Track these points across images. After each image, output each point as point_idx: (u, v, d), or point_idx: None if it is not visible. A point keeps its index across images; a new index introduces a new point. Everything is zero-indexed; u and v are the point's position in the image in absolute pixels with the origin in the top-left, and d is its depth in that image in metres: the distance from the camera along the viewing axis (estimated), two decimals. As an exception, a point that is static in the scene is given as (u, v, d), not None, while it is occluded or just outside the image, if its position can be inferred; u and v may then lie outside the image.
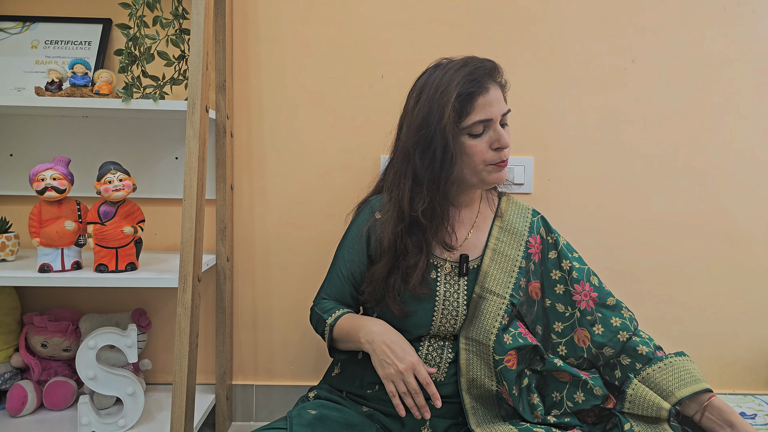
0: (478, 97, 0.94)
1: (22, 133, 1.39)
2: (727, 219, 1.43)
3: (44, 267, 1.13)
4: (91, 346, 1.17)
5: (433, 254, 1.04)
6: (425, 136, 0.95)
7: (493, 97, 0.96)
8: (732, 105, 1.40)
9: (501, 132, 0.96)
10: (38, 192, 1.12)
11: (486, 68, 0.98)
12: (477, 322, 1.01)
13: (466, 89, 0.94)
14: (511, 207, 1.12)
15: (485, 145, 0.96)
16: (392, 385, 0.92)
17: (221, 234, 1.37)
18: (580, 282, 1.05)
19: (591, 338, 1.03)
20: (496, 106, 0.96)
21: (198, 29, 1.12)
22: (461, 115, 0.95)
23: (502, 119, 0.98)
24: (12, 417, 1.26)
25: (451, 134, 0.94)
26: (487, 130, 0.97)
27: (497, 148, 0.97)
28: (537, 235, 1.09)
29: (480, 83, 0.95)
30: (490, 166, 0.98)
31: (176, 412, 1.08)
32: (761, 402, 1.38)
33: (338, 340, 1.03)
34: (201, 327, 1.44)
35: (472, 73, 0.95)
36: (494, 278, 1.03)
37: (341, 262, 1.08)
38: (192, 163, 1.10)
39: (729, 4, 1.38)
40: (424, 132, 0.95)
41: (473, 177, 0.99)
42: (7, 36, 1.38)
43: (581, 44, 1.39)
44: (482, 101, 0.95)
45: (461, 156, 0.97)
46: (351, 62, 1.40)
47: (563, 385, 1.02)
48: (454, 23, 1.39)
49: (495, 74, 1.00)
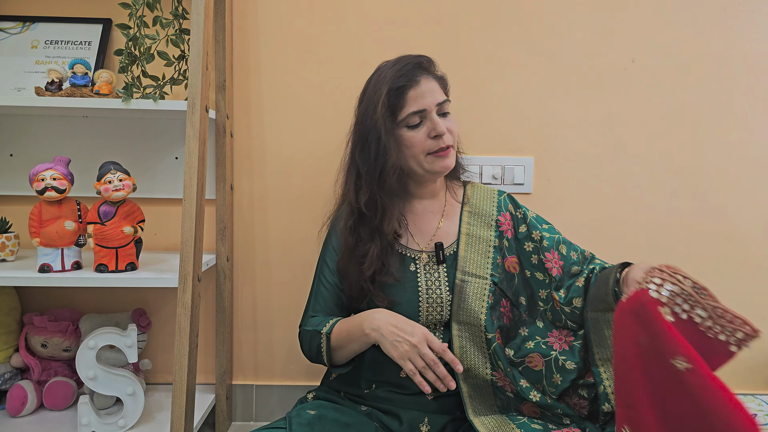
0: (409, 90, 1.00)
1: (22, 133, 1.39)
2: (726, 219, 1.43)
3: (44, 267, 1.13)
4: (91, 346, 1.17)
5: (407, 247, 1.07)
6: (362, 132, 1.03)
7: (425, 88, 1.00)
8: (732, 105, 1.40)
9: (436, 121, 1.00)
10: (38, 192, 1.12)
11: (416, 62, 1.02)
12: (464, 305, 1.03)
13: (396, 84, 1.00)
14: (477, 191, 1.15)
15: (423, 135, 1.01)
16: (409, 363, 0.90)
17: (221, 234, 1.37)
18: (551, 250, 1.08)
19: (560, 301, 1.05)
20: (429, 96, 1.00)
21: (198, 29, 1.12)
22: (396, 109, 1.00)
23: (439, 109, 1.02)
24: (12, 417, 1.26)
25: (384, 127, 0.99)
26: (424, 120, 1.01)
27: (435, 136, 1.00)
28: (506, 212, 1.12)
29: (410, 77, 1.00)
30: (431, 156, 1.02)
31: (176, 412, 1.08)
32: (761, 402, 1.38)
33: (337, 348, 1.02)
34: (201, 327, 1.44)
35: (402, 69, 1.01)
36: (472, 261, 1.06)
37: (327, 273, 1.11)
38: (192, 163, 1.10)
39: (729, 4, 1.38)
40: (361, 128, 1.03)
41: (418, 167, 1.03)
42: (7, 36, 1.38)
43: (581, 44, 1.39)
44: (413, 93, 1.00)
45: (403, 148, 1.02)
46: (351, 62, 1.40)
47: (540, 374, 1.02)
48: (454, 23, 1.39)
49: (427, 67, 1.04)
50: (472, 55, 1.40)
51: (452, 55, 1.40)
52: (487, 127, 1.41)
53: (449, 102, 1.05)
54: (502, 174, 1.42)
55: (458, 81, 1.41)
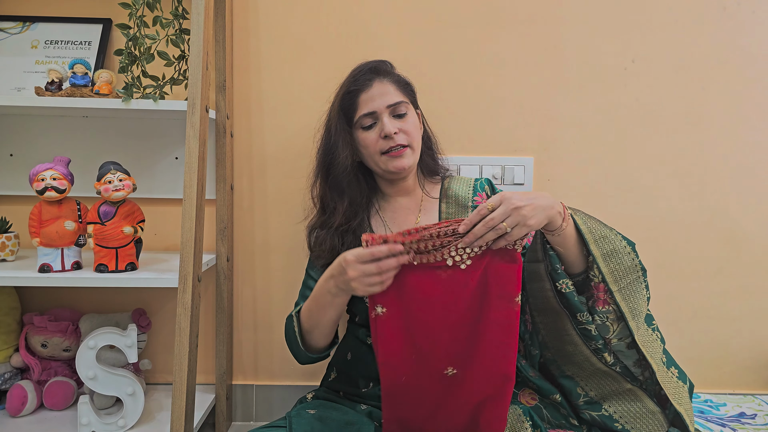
0: (360, 94, 1.06)
1: (22, 133, 1.39)
2: (727, 219, 1.43)
3: (44, 267, 1.13)
4: (91, 346, 1.17)
5: None
6: (324, 135, 1.12)
7: (377, 92, 1.05)
8: (732, 105, 1.40)
9: (385, 121, 1.04)
10: (38, 192, 1.12)
11: (371, 67, 1.09)
12: None
13: (350, 88, 1.07)
14: (454, 182, 1.16)
15: (376, 136, 1.05)
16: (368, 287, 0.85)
17: (221, 234, 1.37)
18: None
19: None
20: (379, 99, 1.05)
21: (198, 29, 1.12)
22: (351, 112, 1.07)
23: (393, 110, 1.06)
24: (12, 417, 1.26)
25: (335, 128, 1.07)
26: (377, 122, 1.06)
27: (384, 136, 1.04)
28: (482, 192, 1.13)
29: (362, 81, 1.06)
30: (384, 156, 1.06)
31: (176, 412, 1.08)
32: (761, 402, 1.38)
33: (310, 328, 0.99)
34: (201, 327, 1.44)
35: (356, 74, 1.08)
36: None
37: (312, 272, 1.13)
38: (192, 163, 1.10)
39: (729, 4, 1.38)
40: (324, 132, 1.13)
41: (376, 167, 1.08)
42: (7, 36, 1.38)
43: (581, 44, 1.39)
44: (365, 97, 1.06)
45: (360, 148, 1.08)
46: (351, 62, 1.39)
47: None
48: (454, 23, 1.39)
49: (383, 71, 1.09)
50: (472, 55, 1.40)
51: (452, 55, 1.40)
52: (487, 127, 1.41)
53: (406, 103, 1.08)
54: (502, 174, 1.42)
55: (458, 81, 1.41)
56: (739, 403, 1.37)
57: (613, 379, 0.96)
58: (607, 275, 0.91)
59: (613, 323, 0.93)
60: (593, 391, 0.97)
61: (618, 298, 0.91)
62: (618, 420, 0.95)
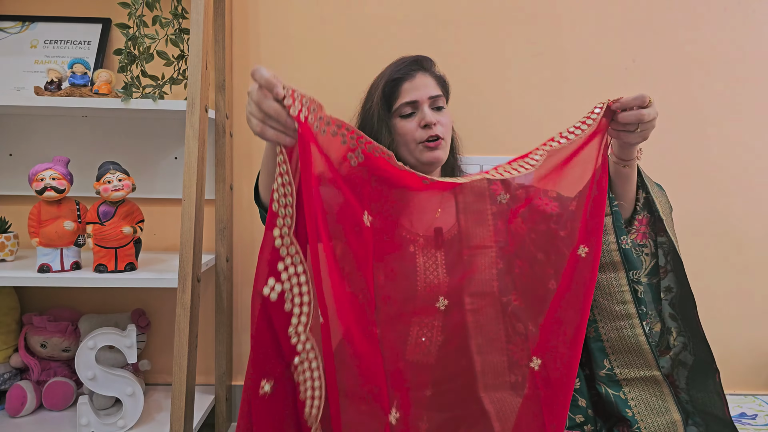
0: (404, 83, 1.08)
1: (21, 133, 1.39)
2: (728, 219, 1.42)
3: (43, 267, 1.13)
4: (90, 346, 1.17)
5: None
6: (362, 117, 1.13)
7: (420, 82, 1.08)
8: (732, 105, 1.40)
9: (426, 111, 1.06)
10: (37, 192, 1.11)
11: (415, 59, 1.11)
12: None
13: (393, 76, 1.09)
14: None
15: (415, 125, 1.06)
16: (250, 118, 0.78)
17: (221, 234, 1.37)
18: None
19: None
20: (422, 89, 1.07)
21: (198, 29, 1.11)
22: (392, 99, 1.08)
23: (432, 102, 1.08)
24: (11, 417, 1.26)
25: (377, 115, 1.08)
26: (416, 111, 1.07)
27: (424, 125, 1.06)
28: None
29: (406, 71, 1.08)
30: (421, 145, 1.06)
31: (175, 412, 1.07)
32: (761, 402, 1.38)
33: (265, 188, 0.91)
34: (200, 327, 1.44)
35: (400, 64, 1.10)
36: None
37: None
38: (191, 163, 1.10)
39: (729, 4, 1.38)
40: (362, 113, 1.13)
41: (410, 156, 1.08)
42: (6, 36, 1.38)
43: (581, 44, 1.39)
44: (408, 86, 1.07)
45: (396, 136, 1.09)
46: (351, 62, 1.40)
47: None
48: (454, 22, 1.39)
49: (426, 65, 1.12)
50: (473, 55, 1.40)
51: (453, 55, 1.40)
52: (487, 127, 1.41)
53: (444, 98, 1.10)
54: (502, 174, 1.42)
55: (458, 81, 1.40)
56: (739, 403, 1.37)
57: (645, 360, 0.98)
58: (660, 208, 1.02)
59: (646, 258, 1.01)
60: (619, 369, 0.99)
61: (667, 226, 1.02)
62: (632, 407, 0.96)
